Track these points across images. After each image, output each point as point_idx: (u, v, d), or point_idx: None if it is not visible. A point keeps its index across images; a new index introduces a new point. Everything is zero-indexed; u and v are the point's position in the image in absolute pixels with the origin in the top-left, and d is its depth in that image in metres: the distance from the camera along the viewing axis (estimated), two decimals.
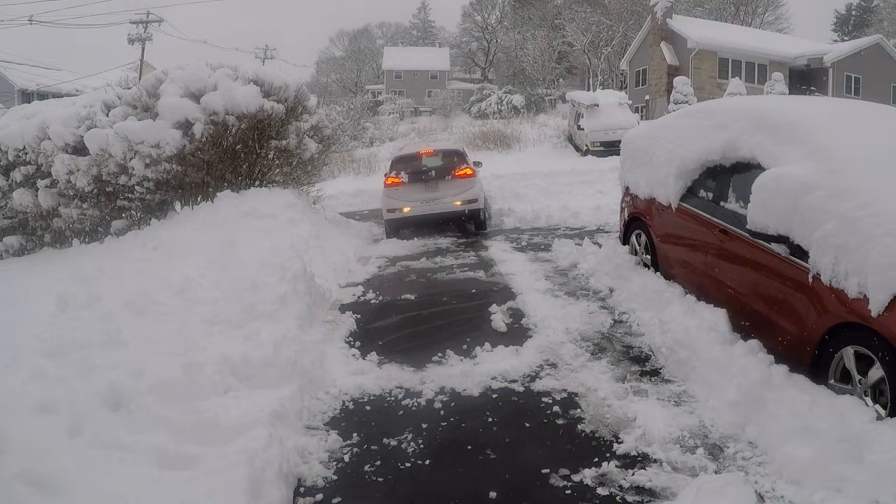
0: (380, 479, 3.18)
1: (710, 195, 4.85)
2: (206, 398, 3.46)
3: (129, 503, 2.59)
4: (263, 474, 2.90)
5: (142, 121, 7.73)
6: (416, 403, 3.96)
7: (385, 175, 10.47)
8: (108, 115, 8.22)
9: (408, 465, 3.29)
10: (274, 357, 3.99)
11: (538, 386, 4.08)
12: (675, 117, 5.83)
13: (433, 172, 10.09)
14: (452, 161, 10.41)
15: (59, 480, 2.57)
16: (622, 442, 3.31)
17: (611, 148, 19.35)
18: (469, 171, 10.11)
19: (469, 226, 10.57)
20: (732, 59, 31.43)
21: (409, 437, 3.56)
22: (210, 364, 3.76)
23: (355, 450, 3.47)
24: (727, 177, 4.68)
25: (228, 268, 5.60)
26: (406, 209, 9.83)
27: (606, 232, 9.13)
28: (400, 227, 10.25)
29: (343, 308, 6.08)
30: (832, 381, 3.40)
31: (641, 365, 4.32)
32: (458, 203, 9.84)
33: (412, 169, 10.28)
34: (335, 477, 3.22)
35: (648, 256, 5.95)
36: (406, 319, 5.79)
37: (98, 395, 3.34)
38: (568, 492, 2.95)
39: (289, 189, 8.82)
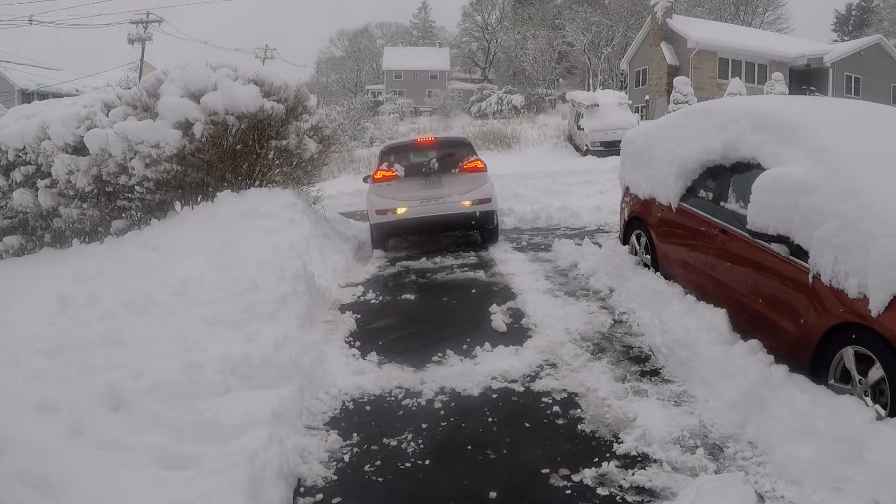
0: (380, 479, 3.18)
1: (710, 195, 4.85)
2: (206, 398, 3.46)
3: (130, 503, 2.59)
4: (263, 474, 2.90)
5: (142, 121, 7.72)
6: (416, 403, 3.96)
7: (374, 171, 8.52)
8: (108, 115, 8.21)
9: (408, 465, 3.29)
10: (274, 357, 3.99)
11: (538, 386, 4.08)
12: (675, 117, 5.83)
13: (435, 164, 8.25)
14: (458, 152, 8.57)
15: (59, 480, 2.57)
16: (622, 442, 3.32)
17: (611, 148, 19.36)
18: (479, 164, 8.32)
19: (474, 235, 9.03)
20: (732, 59, 31.44)
21: (409, 437, 3.56)
22: (210, 364, 3.76)
23: (355, 450, 3.47)
24: (727, 177, 4.68)
25: (228, 268, 5.60)
26: (400, 210, 8.03)
27: (606, 232, 9.13)
28: (391, 234, 8.47)
29: (343, 308, 6.08)
30: (832, 381, 3.40)
31: (641, 365, 4.33)
32: (466, 203, 8.05)
33: (408, 161, 8.48)
34: (335, 477, 3.22)
35: (648, 256, 5.95)
36: (406, 319, 5.79)
37: (98, 395, 3.34)
38: (568, 492, 2.95)
39: (289, 189, 8.80)
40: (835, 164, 3.62)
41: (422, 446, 3.46)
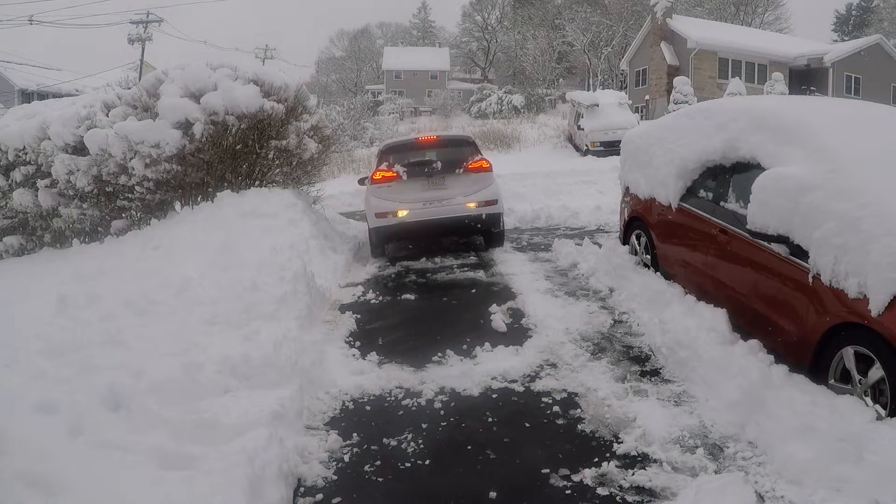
0: (380, 480, 3.18)
1: (710, 195, 4.85)
2: (205, 398, 3.46)
3: (129, 503, 2.59)
4: (263, 474, 2.90)
5: (142, 121, 7.72)
6: (416, 403, 3.96)
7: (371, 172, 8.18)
8: (108, 115, 8.20)
9: (408, 465, 3.29)
10: (274, 357, 3.99)
11: (538, 386, 4.08)
12: (675, 117, 5.83)
13: (438, 164, 7.86)
14: (462, 151, 8.25)
15: (59, 480, 2.57)
16: (622, 442, 3.32)
17: (611, 148, 19.37)
18: (485, 164, 7.95)
19: (477, 239, 8.71)
20: (732, 59, 31.46)
21: (409, 437, 3.56)
22: (210, 364, 3.76)
23: (355, 450, 3.47)
24: (727, 177, 4.68)
25: (228, 268, 5.60)
26: (402, 212, 7.68)
27: (606, 232, 9.13)
28: (392, 238, 8.17)
29: (343, 308, 6.08)
30: (832, 381, 3.40)
31: (641, 365, 4.32)
32: (471, 205, 7.70)
33: (409, 160, 8.07)
34: (335, 477, 3.22)
35: (648, 256, 5.95)
36: (406, 319, 5.79)
37: (98, 395, 3.34)
38: (568, 492, 2.95)
39: (289, 189, 8.79)
40: (835, 164, 3.62)
41: (422, 446, 3.46)
